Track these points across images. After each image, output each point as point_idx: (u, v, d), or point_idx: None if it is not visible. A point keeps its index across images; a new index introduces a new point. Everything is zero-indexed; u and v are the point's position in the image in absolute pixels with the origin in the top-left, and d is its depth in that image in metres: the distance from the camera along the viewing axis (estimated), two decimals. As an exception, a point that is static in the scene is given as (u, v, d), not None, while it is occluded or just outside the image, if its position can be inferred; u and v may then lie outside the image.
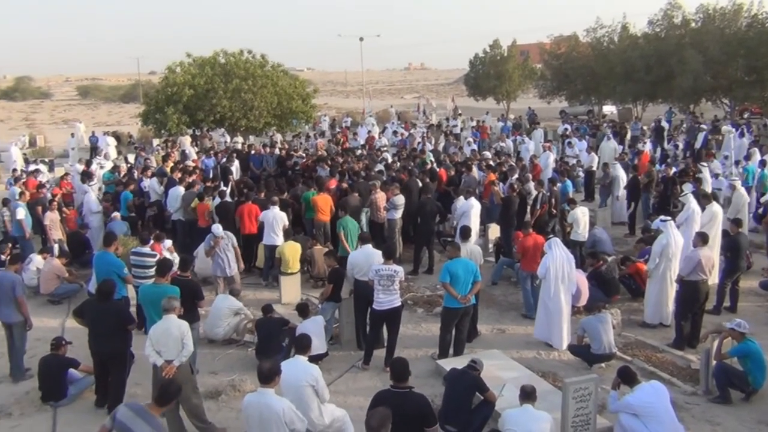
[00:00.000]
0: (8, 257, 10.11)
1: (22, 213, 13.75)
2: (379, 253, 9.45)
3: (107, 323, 7.86)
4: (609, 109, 42.53)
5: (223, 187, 15.17)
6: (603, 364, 9.02)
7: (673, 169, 17.51)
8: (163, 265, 8.50)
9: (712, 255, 10.40)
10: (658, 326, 10.49)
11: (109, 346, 7.88)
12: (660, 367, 9.08)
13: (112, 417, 5.45)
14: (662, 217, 11.09)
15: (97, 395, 8.22)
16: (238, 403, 7.70)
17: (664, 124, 29.35)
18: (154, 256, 10.37)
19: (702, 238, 9.84)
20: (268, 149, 21.62)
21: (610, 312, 10.03)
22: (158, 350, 7.11)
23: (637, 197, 16.10)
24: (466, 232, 10.29)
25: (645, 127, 29.70)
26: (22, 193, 15.03)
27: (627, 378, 6.97)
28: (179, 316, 7.37)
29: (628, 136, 29.08)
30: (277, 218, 12.50)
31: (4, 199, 15.27)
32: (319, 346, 8.82)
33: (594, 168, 19.92)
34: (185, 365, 7.19)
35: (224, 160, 20.10)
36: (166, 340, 7.11)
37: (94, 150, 29.85)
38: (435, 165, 18.08)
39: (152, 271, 9.94)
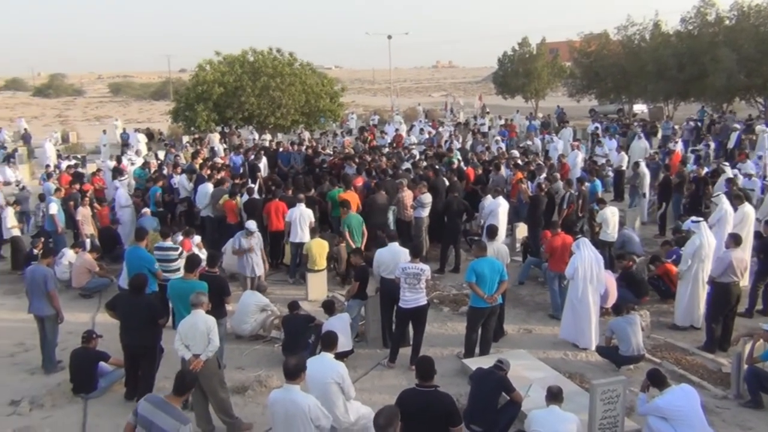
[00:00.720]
0: (40, 251, 10.29)
1: (54, 208, 14.00)
2: (406, 251, 9.44)
3: (139, 317, 7.98)
4: (640, 108, 41.96)
5: (251, 185, 15.28)
6: (631, 366, 8.93)
7: (705, 169, 17.21)
8: (192, 261, 8.57)
9: (745, 256, 10.21)
10: (688, 329, 10.34)
11: (140, 339, 8.00)
12: (690, 370, 8.95)
13: (134, 412, 5.51)
14: (694, 218, 10.92)
15: (127, 388, 8.34)
16: (264, 399, 7.77)
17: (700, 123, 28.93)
18: (176, 249, 10.49)
19: (734, 240, 9.67)
20: (296, 147, 21.74)
21: (639, 314, 9.93)
22: (186, 344, 7.21)
23: (668, 197, 15.87)
24: (492, 231, 10.24)
25: (677, 126, 29.25)
26: (57, 189, 15.29)
27: (656, 381, 6.88)
28: (207, 312, 7.45)
29: (659, 135, 28.64)
30: (303, 215, 12.56)
31: (40, 195, 15.58)
32: (345, 343, 8.85)
33: (624, 167, 19.69)
34: (212, 360, 7.27)
35: (252, 157, 20.25)
36: (194, 334, 7.19)
37: (125, 146, 30.27)
38: (462, 164, 18.02)
39: (175, 265, 10.14)
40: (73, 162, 22.62)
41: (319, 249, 11.93)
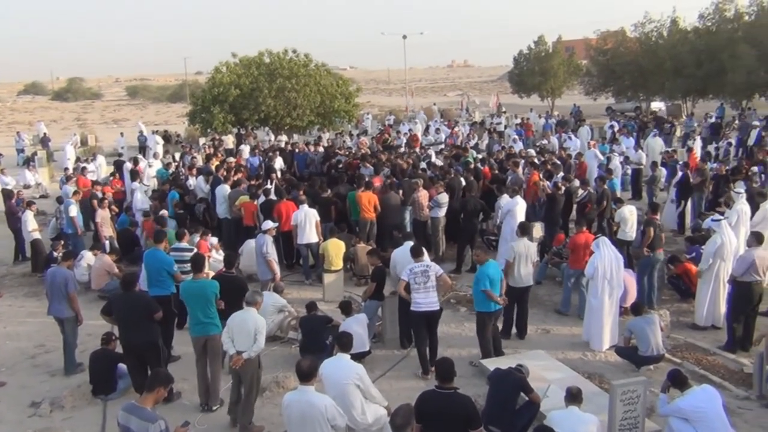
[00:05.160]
0: (61, 254, 10.35)
1: (74, 210, 14.11)
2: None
3: (136, 313, 7.99)
4: (657, 106, 41.61)
5: (267, 186, 15.29)
6: (651, 367, 8.83)
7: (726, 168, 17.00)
8: (196, 261, 8.43)
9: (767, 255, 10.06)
10: (709, 328, 10.22)
11: (140, 337, 7.98)
12: (711, 370, 8.84)
13: (117, 423, 5.57)
14: (715, 216, 10.78)
15: (138, 391, 8.26)
16: (281, 400, 7.76)
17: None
18: (191, 250, 10.42)
19: (757, 238, 9.51)
20: (313, 147, 21.74)
21: (659, 313, 9.83)
22: (232, 338, 7.31)
23: (687, 196, 15.69)
24: (524, 228, 10.16)
25: (696, 125, 28.95)
26: (76, 192, 15.39)
27: (678, 381, 6.79)
28: (221, 311, 7.46)
29: (678, 132, 28.31)
30: (308, 216, 12.56)
31: (58, 197, 15.71)
32: (362, 344, 8.84)
33: (642, 165, 19.50)
34: (254, 360, 7.35)
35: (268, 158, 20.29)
36: (240, 330, 7.28)
37: (142, 149, 30.46)
38: (479, 163, 17.92)
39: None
40: (92, 164, 22.74)
41: (336, 249, 11.91)
